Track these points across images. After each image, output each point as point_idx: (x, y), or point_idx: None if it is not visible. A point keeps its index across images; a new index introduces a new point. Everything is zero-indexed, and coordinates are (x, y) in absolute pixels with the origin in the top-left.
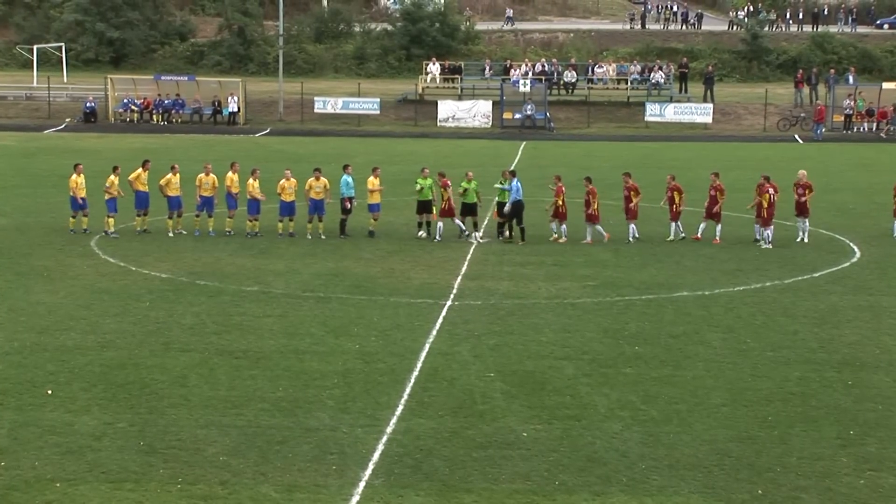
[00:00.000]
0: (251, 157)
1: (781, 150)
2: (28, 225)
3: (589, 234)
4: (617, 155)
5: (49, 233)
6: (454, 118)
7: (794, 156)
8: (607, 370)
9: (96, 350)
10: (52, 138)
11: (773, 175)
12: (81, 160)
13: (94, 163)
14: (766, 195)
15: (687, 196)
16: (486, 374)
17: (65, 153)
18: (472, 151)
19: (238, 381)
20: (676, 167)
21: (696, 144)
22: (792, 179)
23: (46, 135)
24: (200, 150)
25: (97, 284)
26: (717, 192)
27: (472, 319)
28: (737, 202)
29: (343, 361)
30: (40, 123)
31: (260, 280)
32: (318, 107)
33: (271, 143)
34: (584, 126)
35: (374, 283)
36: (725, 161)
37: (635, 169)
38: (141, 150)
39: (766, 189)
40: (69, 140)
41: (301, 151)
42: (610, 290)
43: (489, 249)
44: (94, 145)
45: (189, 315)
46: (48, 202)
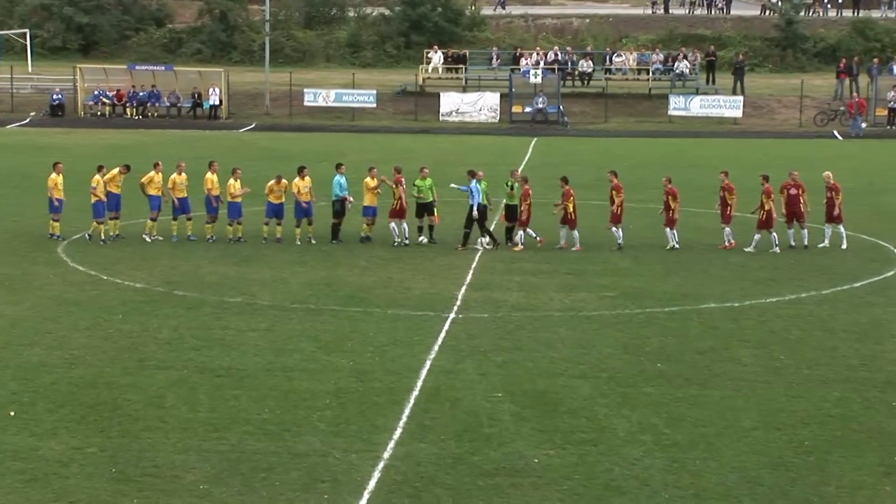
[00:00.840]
0: (234, 154)
1: (819, 148)
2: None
3: (563, 237)
4: (637, 152)
5: (12, 238)
6: (458, 112)
7: (832, 154)
8: (627, 390)
9: (64, 367)
10: (15, 134)
11: (808, 176)
12: (48, 158)
13: (62, 161)
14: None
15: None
16: (494, 394)
17: (29, 150)
18: (477, 148)
19: (220, 401)
20: (703, 166)
21: (724, 141)
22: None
23: (9, 130)
24: (179, 148)
25: (65, 295)
26: (727, 192)
27: (477, 334)
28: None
29: (335, 380)
30: (2, 118)
31: (244, 290)
32: (308, 99)
33: (256, 140)
34: (602, 121)
35: (370, 294)
36: (756, 160)
37: (658, 169)
38: (113, 148)
39: (769, 191)
40: (34, 136)
41: (289, 148)
42: (630, 301)
43: (496, 257)
44: (61, 142)
45: (166, 329)
46: (11, 204)
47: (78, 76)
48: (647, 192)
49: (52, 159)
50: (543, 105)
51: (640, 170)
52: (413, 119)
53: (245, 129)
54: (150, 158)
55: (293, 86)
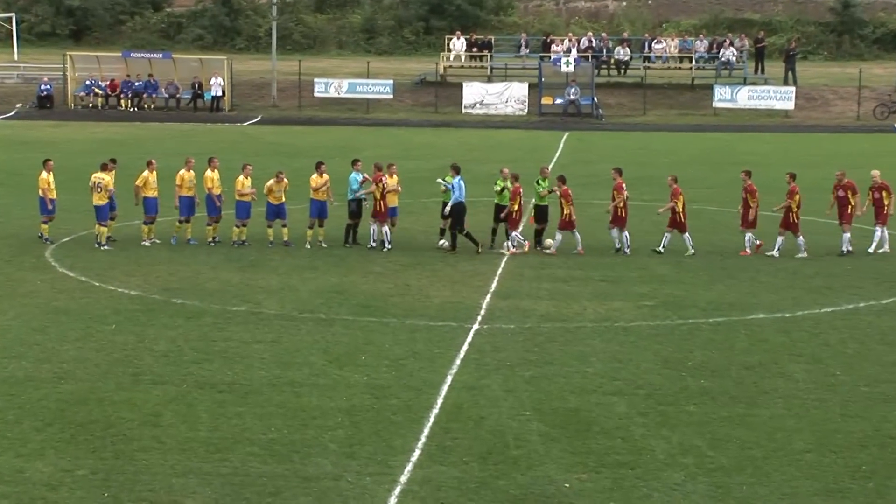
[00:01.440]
0: (238, 150)
1: (878, 143)
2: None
3: (554, 241)
4: (678, 148)
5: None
6: (482, 104)
7: (893, 149)
8: (667, 408)
9: (52, 382)
10: (0, 127)
11: (863, 174)
12: (34, 153)
13: (51, 156)
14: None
15: (761, 198)
16: (521, 412)
17: (14, 145)
18: (503, 144)
19: (222, 419)
20: (750, 163)
21: (774, 136)
22: (889, 179)
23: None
24: (178, 142)
25: (53, 303)
26: (749, 194)
27: (503, 346)
28: (822, 205)
29: (348, 397)
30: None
31: (248, 298)
32: (318, 90)
33: (262, 134)
34: (640, 113)
35: (386, 303)
36: (810, 156)
37: (701, 166)
38: (106, 142)
39: (794, 190)
40: (20, 129)
41: (298, 143)
42: (670, 311)
43: (524, 262)
44: (50, 136)
45: (163, 340)
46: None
47: (68, 64)
48: (689, 192)
49: (39, 155)
50: (576, 96)
51: (681, 167)
52: (433, 111)
53: (250, 122)
54: (146, 154)
55: (302, 75)
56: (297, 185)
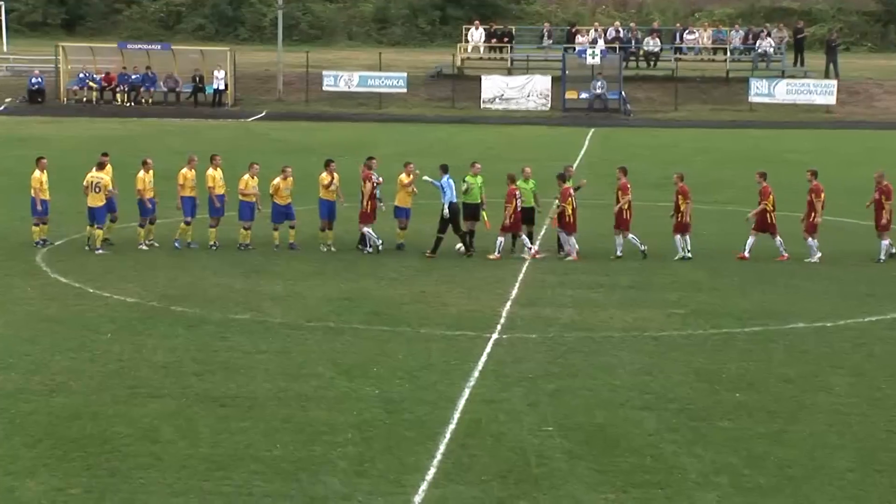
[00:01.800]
0: (241, 147)
1: None
2: None
3: (567, 244)
4: (712, 146)
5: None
6: (502, 98)
7: None
8: (700, 424)
9: (43, 395)
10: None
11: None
12: (24, 151)
13: (43, 154)
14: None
15: (793, 199)
16: (543, 427)
17: (3, 142)
18: (524, 141)
19: (224, 435)
20: (790, 162)
21: (815, 133)
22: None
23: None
24: (177, 139)
25: (44, 311)
26: (763, 197)
27: (524, 357)
28: (861, 208)
29: (359, 411)
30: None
31: (252, 306)
32: (327, 83)
33: (268, 130)
34: (670, 109)
35: (399, 311)
36: (852, 154)
37: (736, 165)
38: (101, 139)
39: (817, 189)
40: (9, 125)
41: (305, 140)
42: (703, 319)
43: (546, 267)
44: (41, 132)
45: (162, 351)
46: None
47: (60, 56)
48: (725, 193)
49: (29, 153)
50: (602, 90)
51: (715, 167)
52: (450, 107)
53: (254, 117)
54: (142, 152)
55: (310, 68)
56: (305, 186)
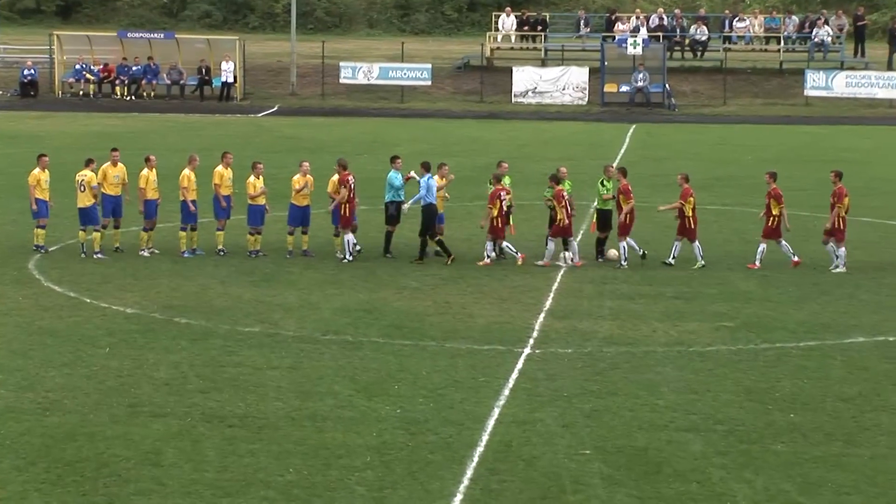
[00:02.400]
0: (251, 145)
1: None
2: None
3: (547, 254)
4: (764, 143)
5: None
6: (535, 91)
7: None
8: (750, 447)
9: (36, 414)
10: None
11: None
12: (16, 149)
13: (36, 152)
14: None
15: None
16: (580, 450)
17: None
18: (559, 138)
19: (232, 458)
20: (848, 160)
21: (875, 129)
22: None
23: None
24: (182, 136)
25: (37, 322)
26: (772, 199)
27: (559, 374)
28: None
29: (378, 432)
30: None
31: (263, 318)
32: (345, 75)
33: (279, 126)
34: (719, 103)
35: (423, 323)
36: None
37: (791, 164)
38: (99, 136)
39: (841, 193)
40: (0, 121)
41: (321, 137)
42: (754, 333)
43: (584, 277)
44: (34, 128)
45: (164, 366)
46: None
47: (55, 46)
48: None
49: (20, 151)
50: (644, 83)
51: (767, 166)
52: (478, 101)
53: (265, 112)
54: (145, 149)
55: (326, 58)
56: (320, 187)
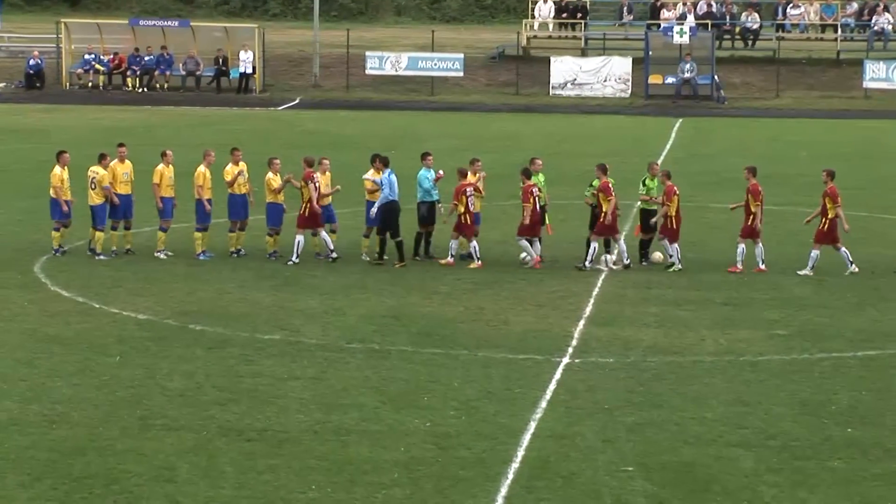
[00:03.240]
0: (271, 140)
1: None
2: None
3: (527, 253)
4: (819, 138)
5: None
6: (575, 83)
7: None
8: (805, 463)
9: (42, 427)
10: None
11: None
12: (21, 144)
13: (42, 148)
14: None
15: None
16: (622, 467)
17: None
18: (601, 133)
19: (251, 474)
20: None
21: None
22: None
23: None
24: (197, 131)
25: (43, 329)
26: (750, 195)
27: (600, 385)
28: None
29: (407, 447)
30: None
31: (284, 324)
32: (371, 66)
33: (301, 120)
34: (771, 95)
35: (454, 331)
36: None
37: (849, 161)
38: (109, 130)
39: (833, 193)
40: (2, 115)
41: (346, 132)
42: (809, 342)
43: (627, 282)
44: (39, 122)
45: (178, 376)
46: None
47: (63, 35)
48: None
49: (26, 146)
50: (692, 74)
51: (822, 163)
52: (513, 93)
53: (286, 105)
54: (158, 145)
55: (351, 48)
56: (346, 185)
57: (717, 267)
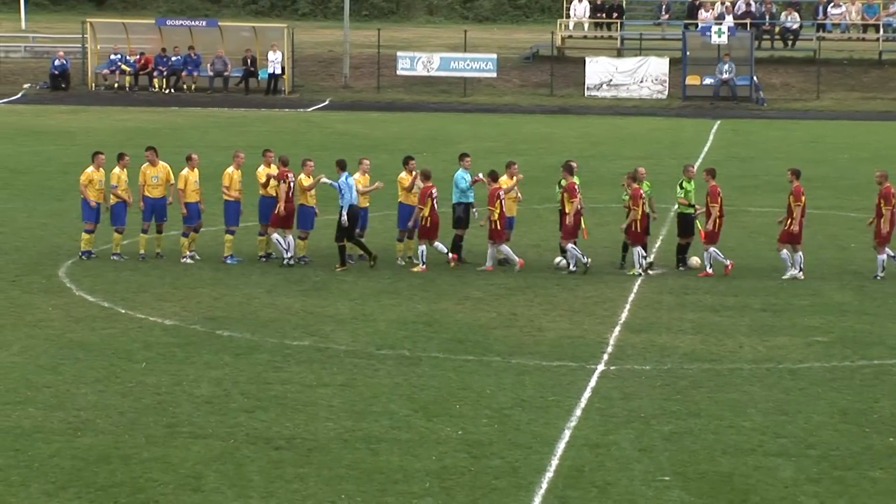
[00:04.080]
0: (301, 142)
1: None
2: None
3: (489, 257)
4: (861, 140)
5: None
6: (610, 84)
7: None
8: (846, 473)
9: (67, 434)
10: (3, 113)
11: None
12: (45, 146)
13: (66, 150)
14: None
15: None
16: (659, 477)
17: (21, 136)
18: (637, 135)
19: (279, 483)
20: None
21: None
22: None
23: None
24: (225, 132)
25: (68, 335)
26: (882, 200)
27: (636, 393)
28: None
29: (438, 455)
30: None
31: (313, 330)
32: (402, 66)
33: (331, 122)
34: (812, 97)
35: (487, 337)
36: None
37: (890, 165)
38: (135, 132)
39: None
40: (28, 116)
41: (377, 134)
42: (850, 349)
43: (663, 287)
44: (65, 124)
45: (206, 382)
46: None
47: (88, 35)
48: (875, 198)
49: (50, 148)
50: (730, 75)
51: (864, 165)
52: (547, 94)
53: (316, 106)
54: (185, 147)
55: (382, 48)
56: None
57: (756, 272)
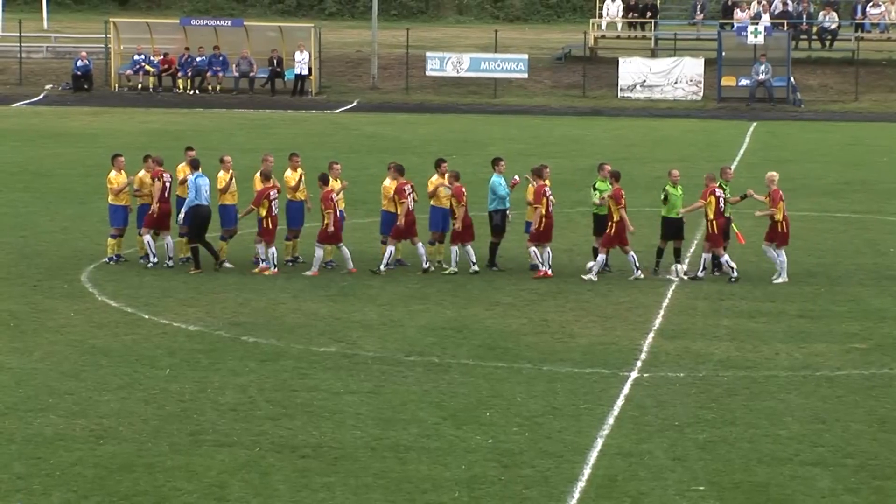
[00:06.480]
0: (328, 144)
1: None
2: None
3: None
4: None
5: (19, 260)
6: (644, 85)
7: None
8: (885, 483)
9: (89, 442)
10: (25, 115)
11: None
12: (67, 148)
13: (89, 152)
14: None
15: None
16: (693, 486)
17: (43, 138)
18: (671, 138)
19: (305, 492)
20: None
21: None
22: None
23: (16, 110)
24: (251, 134)
25: (90, 341)
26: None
27: (670, 401)
28: None
29: (468, 464)
30: (6, 92)
31: (340, 336)
32: (431, 67)
33: (359, 124)
34: (850, 98)
35: (517, 343)
36: None
37: None
38: (159, 134)
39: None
40: (50, 118)
41: (405, 136)
42: (889, 356)
43: (698, 293)
44: (88, 126)
45: (230, 389)
46: (17, 213)
47: (111, 35)
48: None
49: (72, 150)
50: (766, 76)
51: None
52: (580, 95)
53: (343, 108)
54: (208, 151)
55: (411, 48)
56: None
57: (792, 278)
